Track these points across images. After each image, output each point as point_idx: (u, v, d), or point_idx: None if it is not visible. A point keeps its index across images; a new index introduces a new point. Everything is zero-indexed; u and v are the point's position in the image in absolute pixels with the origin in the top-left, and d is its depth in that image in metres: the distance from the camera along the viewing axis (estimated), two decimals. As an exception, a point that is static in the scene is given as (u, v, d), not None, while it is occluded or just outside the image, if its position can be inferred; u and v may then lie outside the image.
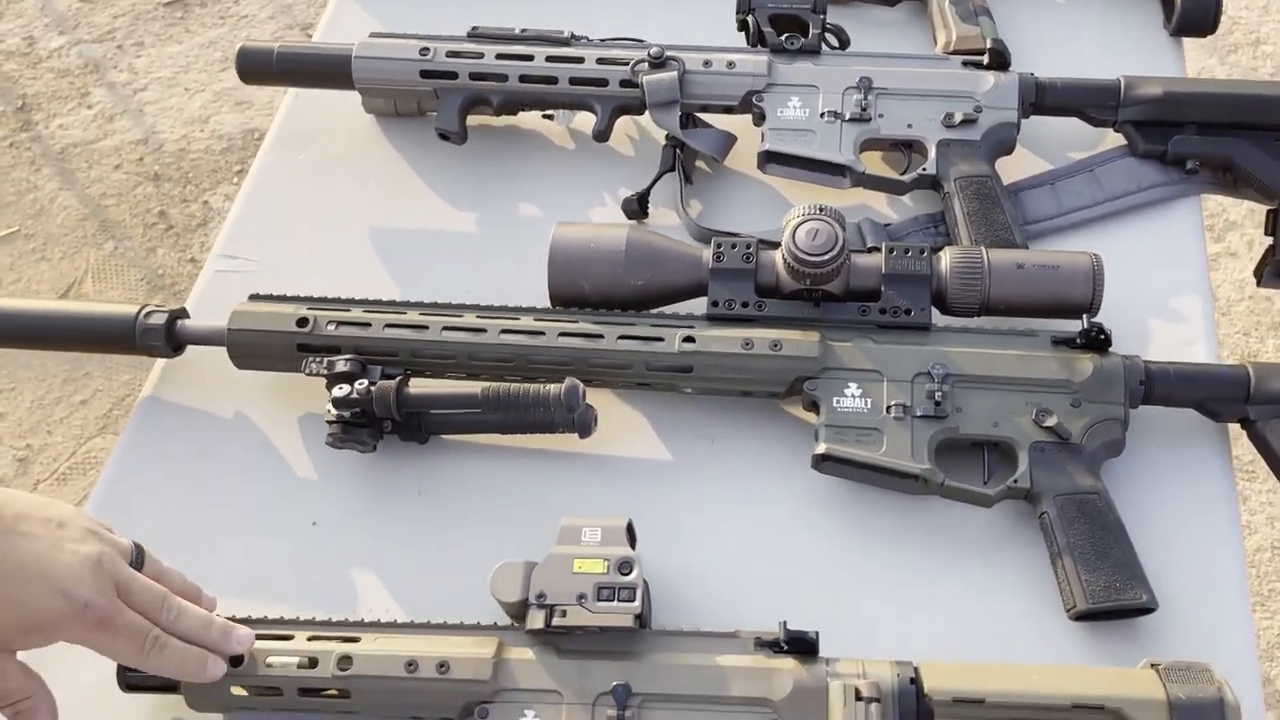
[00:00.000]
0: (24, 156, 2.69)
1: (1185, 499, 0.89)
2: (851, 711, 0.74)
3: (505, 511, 0.94)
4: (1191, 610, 0.83)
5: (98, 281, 2.47)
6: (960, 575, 0.88)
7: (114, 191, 2.62)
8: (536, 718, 0.78)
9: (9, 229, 2.55)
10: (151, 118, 2.75)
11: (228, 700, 0.82)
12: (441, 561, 0.91)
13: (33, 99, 2.78)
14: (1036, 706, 0.74)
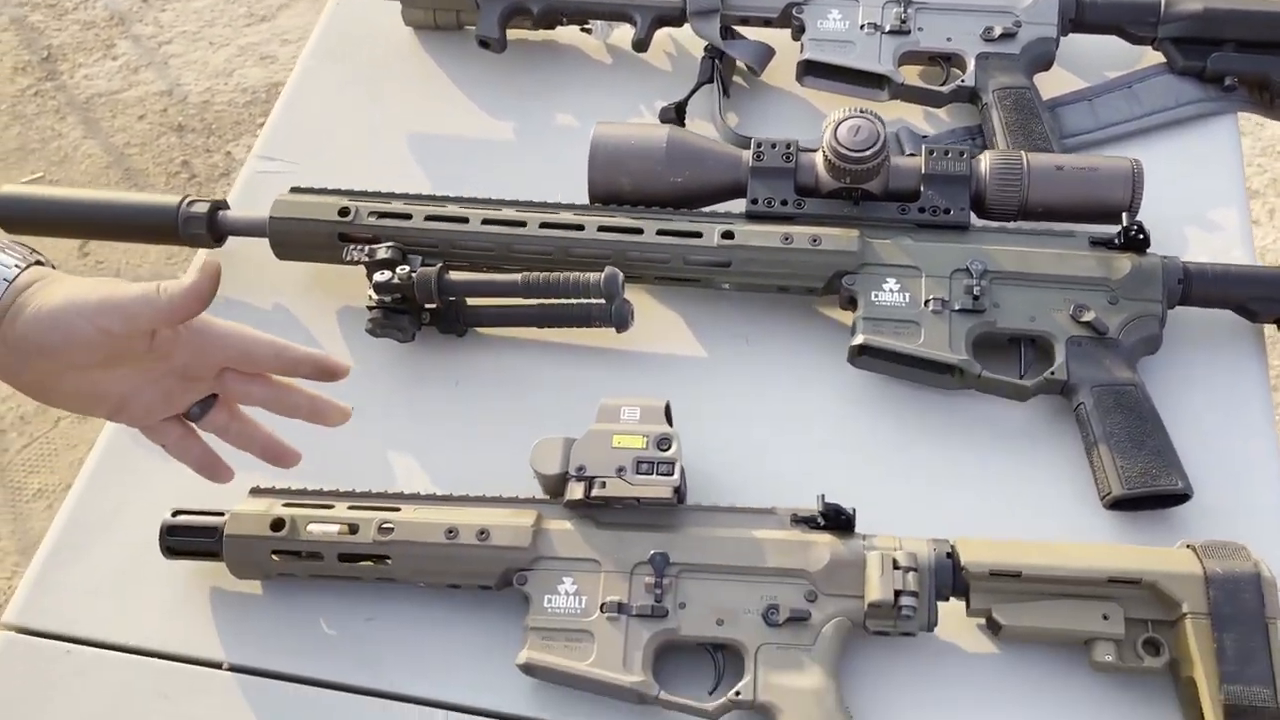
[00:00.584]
0: (49, 105, 2.70)
1: (1220, 397, 0.90)
2: (889, 580, 0.75)
3: (542, 403, 0.95)
4: (1226, 500, 0.84)
5: (120, 228, 2.49)
6: (995, 468, 0.88)
7: (137, 141, 2.63)
8: (574, 585, 0.79)
9: (33, 175, 2.56)
10: (176, 70, 2.76)
11: (268, 566, 0.83)
12: (479, 448, 0.92)
13: (58, 49, 2.79)
14: (1072, 580, 0.75)
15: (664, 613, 0.78)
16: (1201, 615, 0.73)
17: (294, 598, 0.85)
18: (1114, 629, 0.74)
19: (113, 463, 0.93)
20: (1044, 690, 0.78)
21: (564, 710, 0.79)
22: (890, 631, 0.77)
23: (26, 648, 0.83)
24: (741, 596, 0.78)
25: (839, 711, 0.73)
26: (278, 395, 0.78)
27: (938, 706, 0.78)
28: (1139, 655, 0.74)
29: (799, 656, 0.76)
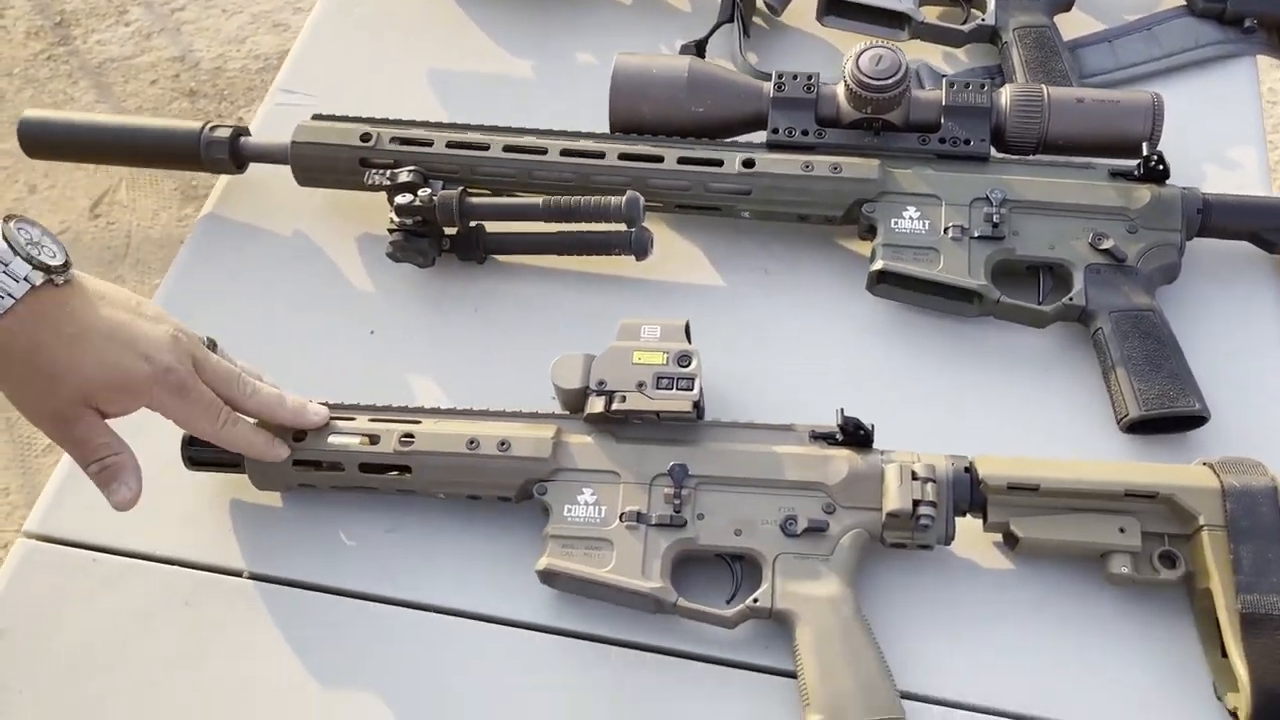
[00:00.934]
0: (61, 70, 2.71)
1: (1237, 326, 0.90)
2: (907, 490, 0.76)
3: (561, 330, 0.95)
4: (1242, 424, 0.84)
5: (131, 190, 2.49)
6: (1012, 395, 0.88)
7: (150, 106, 2.63)
8: (594, 495, 0.80)
9: (45, 138, 2.58)
10: (189, 36, 2.76)
11: (289, 477, 0.83)
12: (497, 374, 0.92)
13: (71, 15, 2.79)
14: (1090, 494, 0.76)
15: (682, 523, 0.78)
16: (1218, 528, 0.73)
17: (314, 510, 0.85)
18: (1130, 542, 0.74)
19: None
20: (1059, 606, 0.78)
21: (582, 621, 0.80)
22: (907, 544, 0.78)
23: (51, 555, 0.84)
24: (760, 508, 0.78)
25: (856, 619, 0.74)
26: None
27: (954, 621, 0.78)
28: (1155, 568, 0.74)
29: (816, 566, 0.76)
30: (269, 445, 0.81)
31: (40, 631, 0.81)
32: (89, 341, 0.71)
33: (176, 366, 0.74)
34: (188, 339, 0.77)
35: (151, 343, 0.74)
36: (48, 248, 0.70)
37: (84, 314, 0.71)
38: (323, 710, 0.77)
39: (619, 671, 0.77)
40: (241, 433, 0.80)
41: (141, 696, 0.78)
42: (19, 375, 0.71)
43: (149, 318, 0.75)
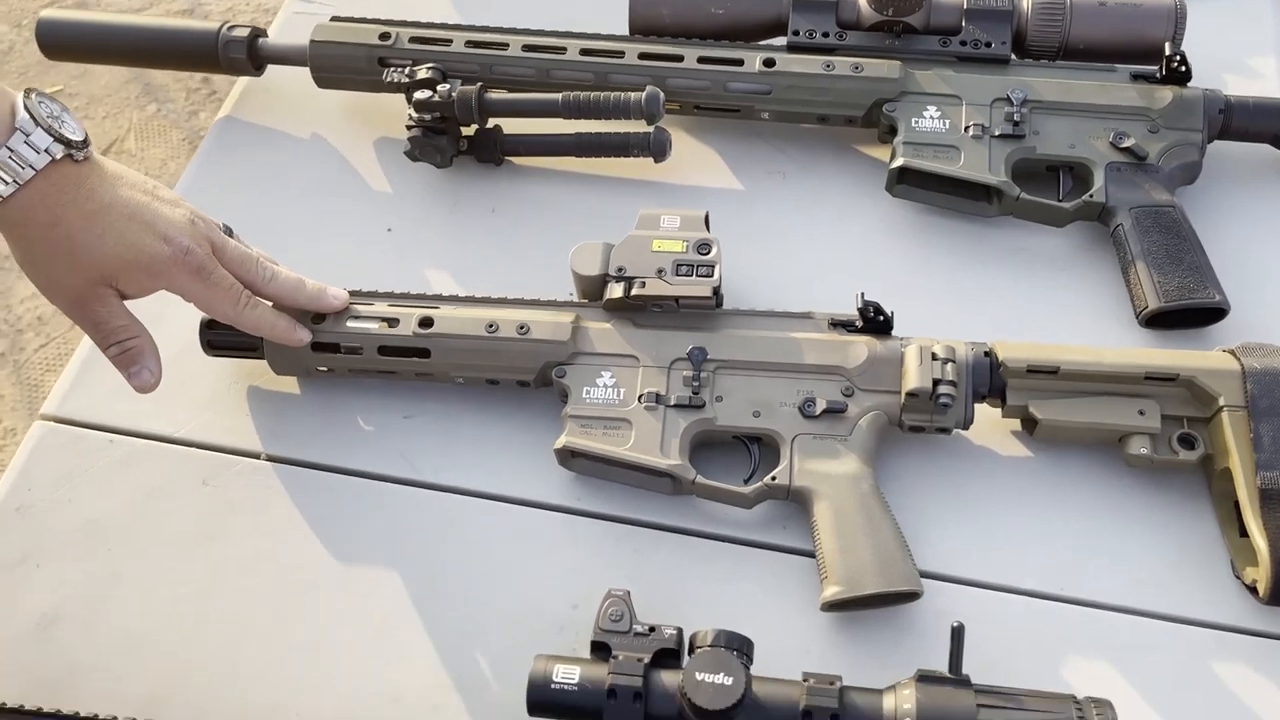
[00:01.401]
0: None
1: (1258, 229, 0.90)
2: (927, 369, 0.76)
3: (578, 231, 0.93)
4: (1261, 321, 0.84)
5: (140, 140, 2.48)
6: (1031, 294, 0.88)
7: (158, 56, 2.64)
8: (613, 378, 0.80)
9: (53, 87, 2.57)
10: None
11: (307, 361, 0.83)
12: (514, 270, 0.92)
13: (80, -32, 2.79)
14: (1109, 377, 0.76)
15: (701, 404, 0.78)
16: (1239, 408, 0.73)
17: (331, 397, 0.86)
18: (1150, 423, 0.74)
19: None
20: (1076, 491, 0.78)
21: (600, 503, 0.80)
22: (926, 427, 0.78)
23: (68, 436, 0.84)
24: (778, 391, 0.78)
25: (874, 495, 0.74)
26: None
27: (971, 506, 0.79)
28: (1173, 450, 0.74)
29: (835, 446, 0.76)
30: (290, 328, 0.81)
31: (58, 509, 0.81)
32: (109, 219, 0.71)
33: (195, 248, 0.74)
34: (205, 223, 0.76)
35: (171, 224, 0.73)
36: (68, 123, 0.70)
37: (103, 192, 0.71)
38: (340, 586, 0.77)
39: (637, 551, 0.77)
40: (262, 315, 0.79)
41: (159, 571, 0.78)
42: (39, 251, 0.70)
43: (166, 201, 0.75)
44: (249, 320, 0.79)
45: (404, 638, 0.75)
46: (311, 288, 0.82)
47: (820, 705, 0.64)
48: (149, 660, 0.74)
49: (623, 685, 0.65)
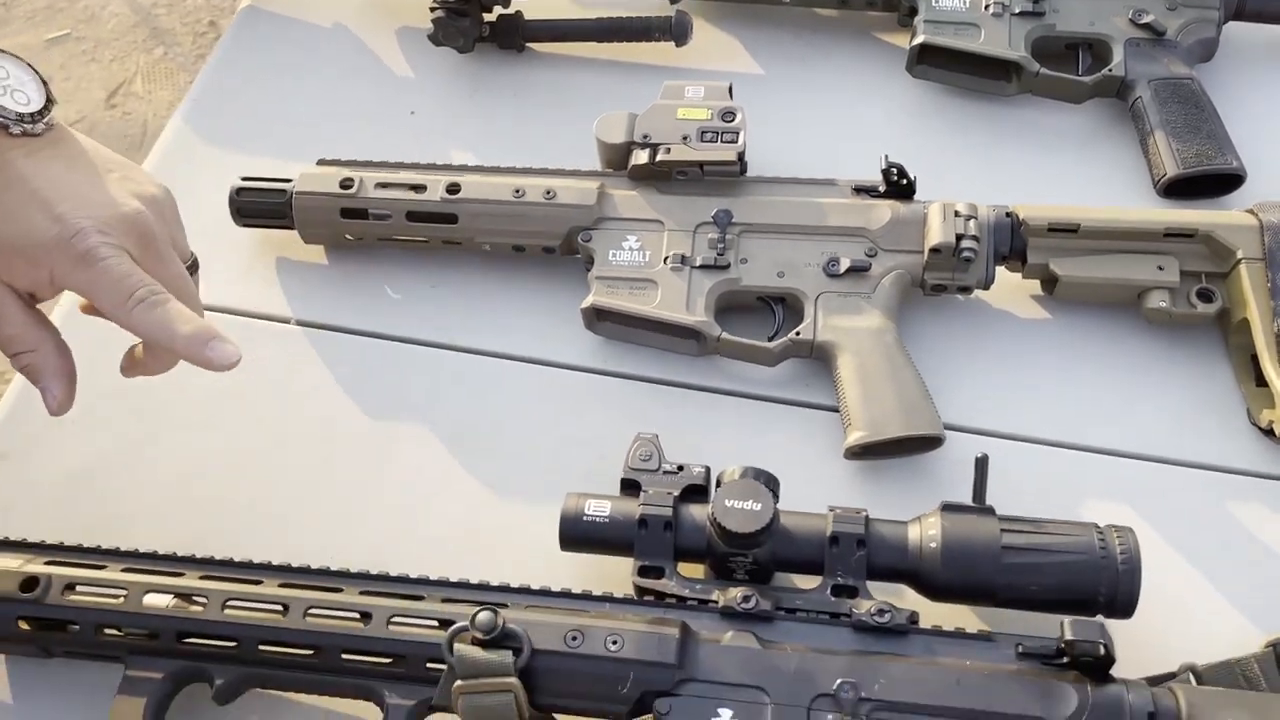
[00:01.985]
0: (78, -35, 2.70)
1: (1273, 105, 0.91)
2: (950, 225, 0.77)
3: (599, 115, 0.95)
4: (1277, 191, 0.85)
5: (147, 83, 2.49)
6: (1050, 169, 0.89)
7: (164, 1, 2.63)
8: (638, 241, 0.81)
9: (61, 31, 2.57)
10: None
11: (335, 226, 0.84)
12: (536, 152, 0.92)
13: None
14: (1129, 234, 0.77)
15: (726, 265, 0.79)
16: (1256, 260, 0.74)
17: (359, 266, 0.87)
18: (1169, 278, 0.76)
19: (181, 143, 0.95)
20: (1096, 349, 0.80)
21: (626, 364, 0.81)
22: (948, 285, 0.79)
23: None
24: (802, 252, 0.79)
25: (897, 345, 0.75)
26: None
27: (992, 363, 0.80)
28: (1191, 303, 0.76)
29: (859, 303, 0.78)
30: (200, 340, 0.62)
31: (88, 369, 0.82)
32: (6, 198, 0.61)
33: (91, 232, 0.60)
34: (145, 223, 0.63)
35: (81, 206, 0.61)
36: (20, 93, 0.62)
37: (18, 165, 0.61)
38: (371, 442, 0.79)
39: (664, 408, 0.79)
40: (158, 318, 0.61)
41: (193, 428, 0.79)
42: None
43: (116, 182, 0.64)
44: (141, 325, 0.62)
45: (436, 489, 0.76)
46: (188, 331, 0.62)
47: (847, 532, 0.65)
48: (187, 508, 0.75)
49: (653, 515, 0.67)
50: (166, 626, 0.65)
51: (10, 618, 0.67)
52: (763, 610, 0.63)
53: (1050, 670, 0.61)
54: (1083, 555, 0.63)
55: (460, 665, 0.61)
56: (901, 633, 0.62)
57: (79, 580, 0.67)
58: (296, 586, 0.66)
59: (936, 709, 0.60)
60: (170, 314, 0.62)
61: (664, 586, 0.65)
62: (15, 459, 0.78)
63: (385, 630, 0.64)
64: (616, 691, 0.62)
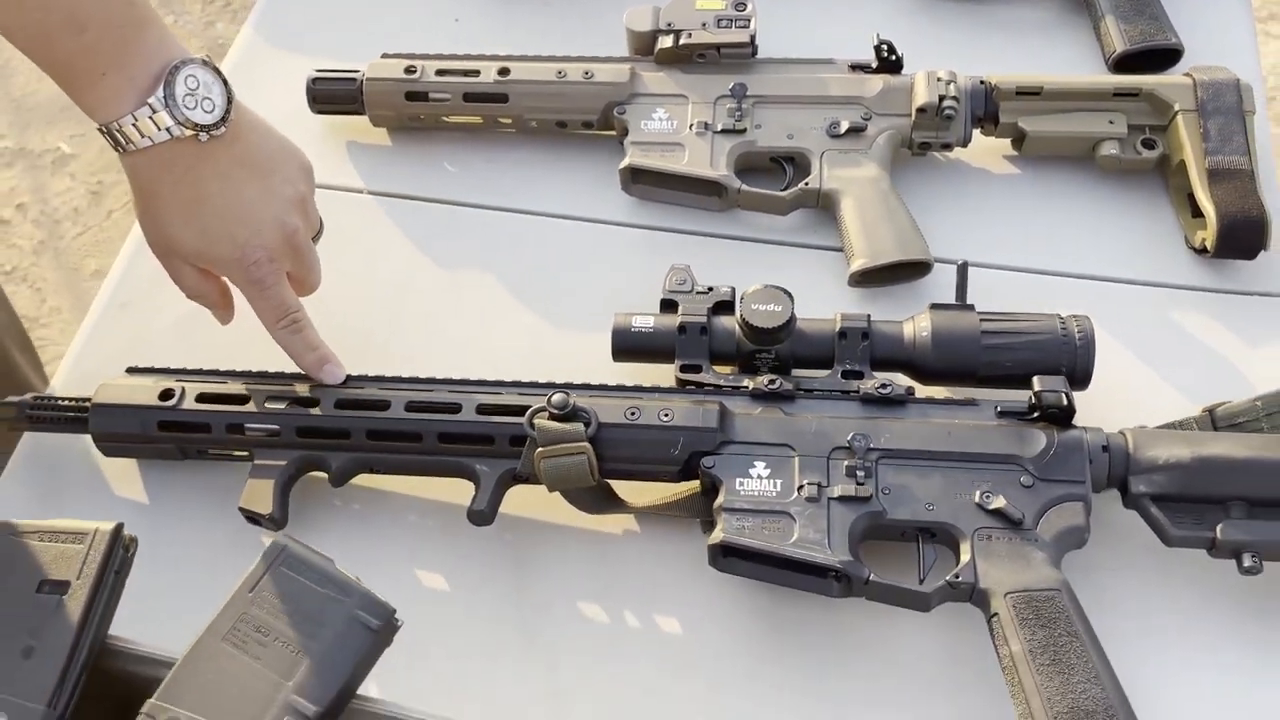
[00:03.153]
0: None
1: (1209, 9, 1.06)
2: (934, 88, 0.90)
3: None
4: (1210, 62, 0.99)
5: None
6: (1019, 53, 1.02)
7: (168, -28, 2.74)
8: (666, 114, 0.94)
9: (71, 2, 2.66)
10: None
11: (400, 108, 0.96)
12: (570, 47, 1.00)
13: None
14: (1084, 94, 0.91)
15: (743, 129, 0.92)
16: (1191, 111, 0.88)
17: (420, 145, 0.99)
18: (1118, 130, 0.89)
19: (252, 47, 1.08)
20: (1057, 195, 0.94)
21: (655, 219, 0.94)
22: (933, 143, 0.92)
23: (192, 182, 0.98)
24: (808, 118, 0.93)
25: (892, 191, 0.89)
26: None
27: (972, 209, 0.94)
28: (1137, 150, 0.89)
29: (857, 157, 0.91)
30: (319, 362, 0.80)
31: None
32: (196, 210, 0.74)
33: (263, 260, 0.76)
34: (295, 236, 0.77)
35: (256, 229, 0.75)
36: (207, 100, 0.71)
37: (206, 181, 0.73)
38: (438, 289, 0.91)
39: (692, 255, 0.90)
40: (296, 342, 0.79)
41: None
42: (140, 207, 0.76)
43: (279, 183, 0.77)
44: (282, 341, 0.80)
45: (499, 327, 0.89)
46: (313, 358, 0.80)
47: (853, 327, 0.78)
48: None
49: (691, 322, 0.80)
50: (288, 423, 0.78)
51: (152, 423, 0.80)
52: (786, 390, 0.77)
53: (1024, 422, 0.75)
54: (1048, 335, 0.76)
55: (541, 435, 0.74)
56: (901, 402, 0.76)
57: (209, 392, 0.80)
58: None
59: (932, 454, 0.74)
60: (302, 341, 0.80)
61: (702, 378, 0.78)
62: (135, 306, 0.91)
63: (474, 415, 0.77)
64: (669, 454, 0.75)
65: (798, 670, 0.73)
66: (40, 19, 0.66)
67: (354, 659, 0.56)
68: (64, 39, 0.67)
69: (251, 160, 0.76)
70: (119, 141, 0.71)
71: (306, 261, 0.81)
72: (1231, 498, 0.70)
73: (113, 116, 0.70)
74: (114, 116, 0.70)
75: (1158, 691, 0.70)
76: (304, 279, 0.82)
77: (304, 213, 0.79)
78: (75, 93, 0.70)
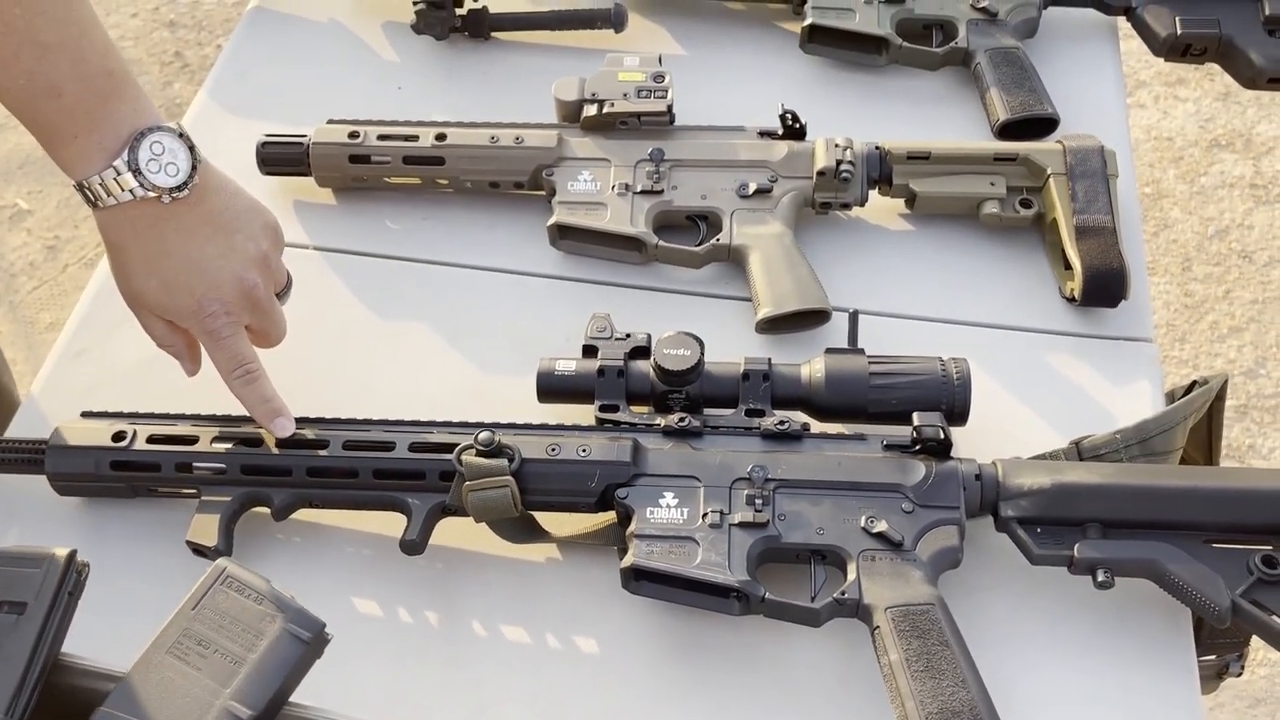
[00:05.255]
0: (43, 3, 2.86)
1: (1082, 69, 1.16)
2: (832, 153, 0.99)
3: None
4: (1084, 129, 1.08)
5: (118, 107, 2.65)
6: (913, 122, 1.12)
7: (131, 35, 2.80)
8: (591, 176, 1.02)
9: (31, 62, 2.72)
10: (167, -30, 2.93)
11: (344, 170, 1.04)
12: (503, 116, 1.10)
13: (50, -46, 2.94)
14: (968, 158, 1.01)
15: (660, 190, 1.01)
16: (1061, 174, 0.98)
17: (363, 205, 1.07)
18: (999, 191, 0.99)
19: (206, 112, 1.15)
20: (946, 250, 1.03)
21: (580, 271, 1.02)
22: (832, 203, 1.01)
23: (147, 238, 1.04)
24: (720, 180, 1.01)
25: (795, 246, 0.97)
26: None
27: (867, 263, 1.02)
28: (1016, 209, 0.99)
29: (764, 216, 0.99)
30: (271, 414, 0.84)
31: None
32: (160, 265, 0.80)
33: (219, 314, 0.82)
34: (253, 291, 0.82)
35: (214, 284, 0.81)
36: (171, 165, 0.77)
37: (169, 240, 0.79)
38: (378, 334, 0.98)
39: (614, 305, 0.98)
40: (250, 393, 0.84)
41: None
42: (109, 257, 0.83)
43: (240, 240, 0.82)
44: (237, 392, 0.84)
45: (433, 370, 0.96)
46: (265, 409, 0.84)
47: (755, 369, 0.86)
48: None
49: (609, 365, 0.87)
50: (234, 462, 0.84)
51: (105, 463, 0.85)
52: (694, 427, 0.84)
53: (906, 454, 0.83)
54: (929, 376, 0.85)
55: (468, 470, 0.81)
56: (797, 437, 0.84)
57: (159, 434, 0.86)
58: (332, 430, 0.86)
59: (824, 483, 0.81)
60: (256, 393, 0.85)
61: (619, 417, 0.86)
62: (93, 352, 0.97)
63: (407, 453, 0.83)
64: (587, 486, 0.82)
65: (705, 683, 0.80)
66: (25, 85, 0.74)
67: (287, 668, 0.62)
68: (44, 103, 0.74)
69: (215, 219, 0.81)
70: (90, 197, 0.77)
71: (269, 316, 0.86)
72: (1088, 520, 0.79)
73: (84, 175, 0.77)
74: (85, 175, 0.77)
75: (1025, 694, 0.78)
76: (266, 332, 0.87)
77: (265, 269, 0.84)
78: (52, 151, 0.77)
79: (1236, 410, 2.11)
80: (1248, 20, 1.14)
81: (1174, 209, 2.39)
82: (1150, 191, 2.41)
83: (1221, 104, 2.55)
